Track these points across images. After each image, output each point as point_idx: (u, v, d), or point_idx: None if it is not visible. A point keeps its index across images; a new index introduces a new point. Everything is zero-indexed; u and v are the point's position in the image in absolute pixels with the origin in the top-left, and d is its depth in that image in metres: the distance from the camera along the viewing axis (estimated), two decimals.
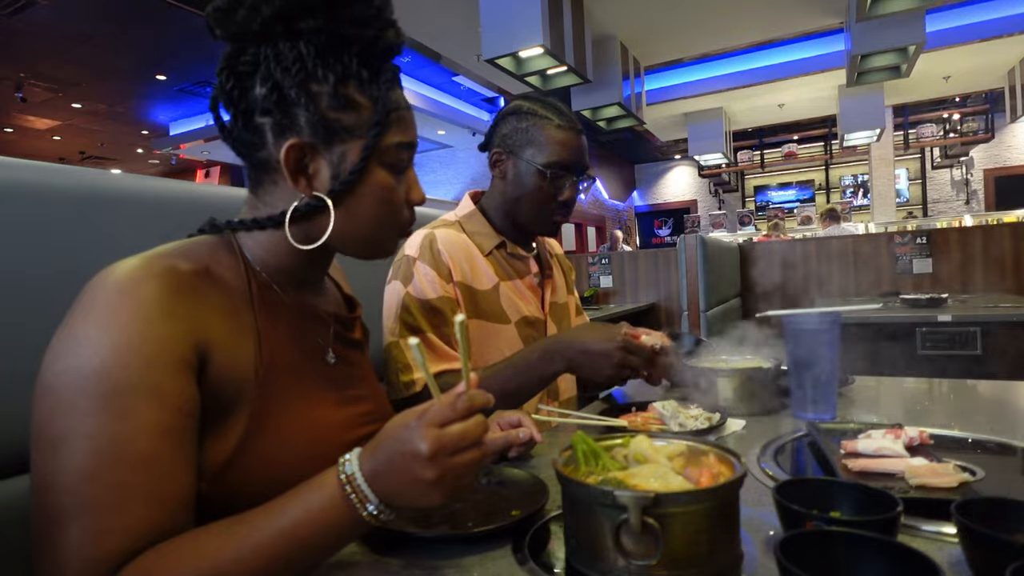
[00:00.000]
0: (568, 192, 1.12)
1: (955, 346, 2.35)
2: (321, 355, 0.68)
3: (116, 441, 0.48)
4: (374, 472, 0.49)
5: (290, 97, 0.58)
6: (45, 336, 0.66)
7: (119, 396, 0.49)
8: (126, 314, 0.51)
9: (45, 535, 0.48)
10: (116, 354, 0.50)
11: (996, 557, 0.42)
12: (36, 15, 5.06)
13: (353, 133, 0.60)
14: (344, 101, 0.60)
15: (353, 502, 0.48)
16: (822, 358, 0.92)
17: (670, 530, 0.44)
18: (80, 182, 0.72)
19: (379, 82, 0.62)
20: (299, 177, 0.61)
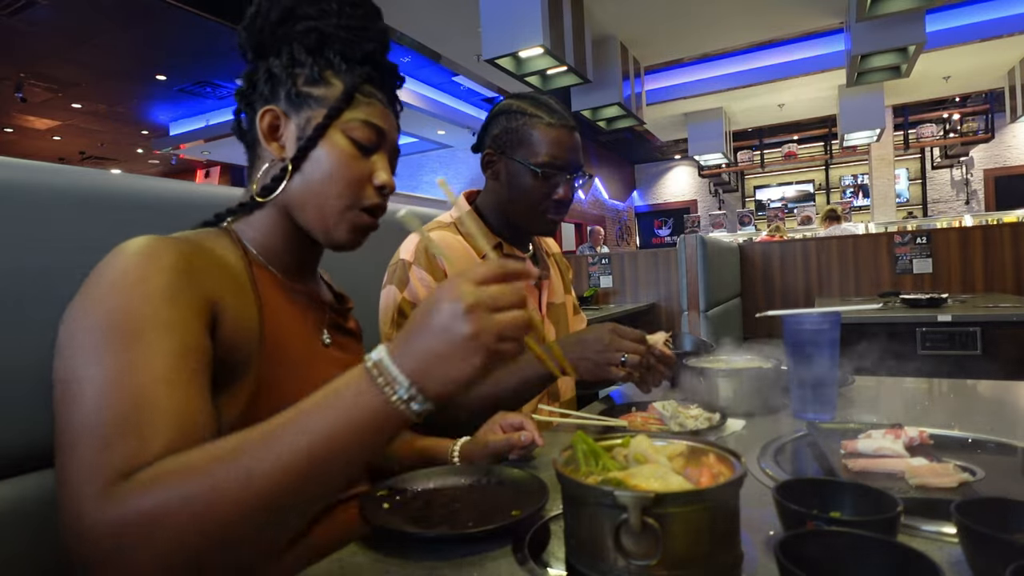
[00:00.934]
0: (563, 191, 1.10)
1: (955, 346, 2.35)
2: (317, 336, 0.73)
3: (133, 367, 0.49)
4: (402, 348, 0.46)
5: (277, 77, 0.69)
6: (45, 336, 0.66)
7: (135, 328, 0.50)
8: (146, 268, 0.54)
9: (63, 465, 0.46)
10: (132, 296, 0.52)
11: (996, 557, 0.42)
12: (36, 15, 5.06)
13: (321, 103, 0.68)
14: (318, 78, 0.69)
15: (380, 385, 0.45)
16: (822, 358, 0.92)
17: (670, 530, 0.44)
18: (80, 182, 0.72)
19: (354, 73, 0.70)
20: (271, 141, 0.69)
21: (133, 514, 0.42)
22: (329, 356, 0.73)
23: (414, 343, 0.46)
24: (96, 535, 0.42)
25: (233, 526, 0.43)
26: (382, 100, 0.72)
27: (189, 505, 0.42)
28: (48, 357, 0.66)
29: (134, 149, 9.41)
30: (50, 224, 0.68)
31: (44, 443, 0.66)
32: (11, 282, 0.64)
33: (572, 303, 1.37)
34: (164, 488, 0.43)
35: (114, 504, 0.43)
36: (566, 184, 1.10)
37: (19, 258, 0.65)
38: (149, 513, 0.42)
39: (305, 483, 0.45)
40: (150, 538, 0.41)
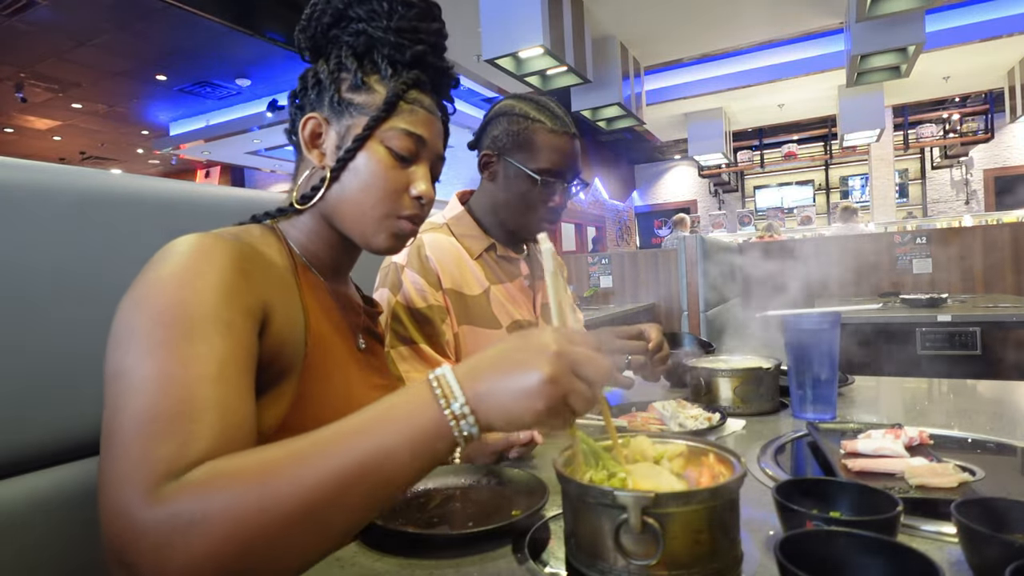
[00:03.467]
0: (559, 198, 1.08)
1: (955, 346, 2.35)
2: (354, 340, 0.73)
3: (184, 363, 0.48)
4: (471, 368, 0.46)
5: (323, 83, 0.68)
6: (45, 336, 0.66)
7: (189, 324, 0.50)
8: (202, 264, 0.54)
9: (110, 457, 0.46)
10: (187, 291, 0.52)
11: (996, 557, 0.42)
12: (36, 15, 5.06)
13: (362, 111, 0.67)
14: (361, 84, 0.68)
15: (437, 396, 0.45)
16: (822, 358, 0.92)
17: (670, 530, 0.44)
18: (80, 182, 0.72)
19: (400, 78, 0.68)
20: (312, 148, 0.69)
21: (178, 515, 0.42)
22: (364, 361, 0.74)
23: (485, 366, 0.46)
24: (140, 532, 0.42)
25: (276, 537, 0.42)
26: (428, 106, 0.71)
27: (236, 511, 0.41)
28: (48, 357, 0.66)
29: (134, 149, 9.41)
30: (50, 224, 0.68)
31: (44, 443, 0.66)
32: (11, 282, 0.64)
33: (568, 302, 1.36)
34: (212, 491, 0.42)
35: (161, 503, 0.42)
36: (562, 192, 1.09)
37: (19, 258, 0.65)
38: (194, 515, 0.41)
39: (353, 496, 0.44)
40: (191, 541, 0.41)
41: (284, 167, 9.63)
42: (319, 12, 0.69)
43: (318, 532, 0.43)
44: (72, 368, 0.68)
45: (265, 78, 6.68)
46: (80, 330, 0.69)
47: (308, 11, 0.70)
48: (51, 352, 0.67)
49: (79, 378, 0.69)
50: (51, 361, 0.67)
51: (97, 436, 0.71)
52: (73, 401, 0.68)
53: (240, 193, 0.91)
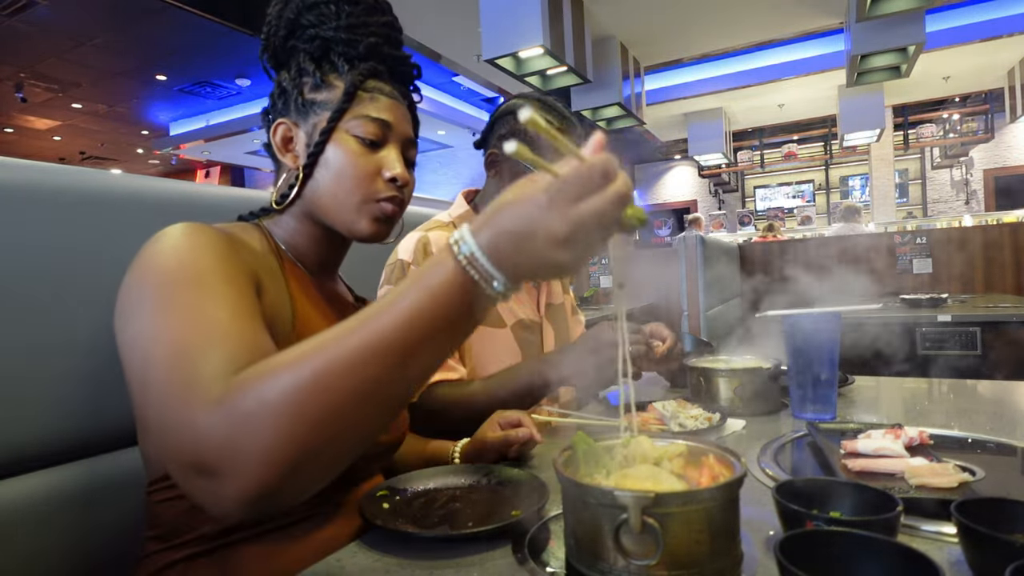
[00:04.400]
0: None
1: (955, 346, 2.35)
2: None
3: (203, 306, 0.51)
4: (496, 249, 0.44)
5: (287, 91, 0.72)
6: (45, 336, 0.66)
7: (197, 278, 0.53)
8: (197, 238, 0.57)
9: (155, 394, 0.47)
10: (191, 255, 0.55)
11: (996, 557, 0.42)
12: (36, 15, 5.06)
13: (325, 107, 0.70)
14: (322, 83, 0.71)
15: (478, 281, 0.44)
16: (822, 358, 0.92)
17: (670, 530, 0.44)
18: (80, 182, 0.72)
19: (356, 70, 0.71)
20: (285, 152, 0.72)
21: (241, 408, 0.42)
22: None
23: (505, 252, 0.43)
24: (209, 434, 0.42)
25: (338, 407, 0.42)
26: (389, 93, 0.73)
27: (294, 390, 0.42)
28: (48, 357, 0.66)
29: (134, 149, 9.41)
30: (50, 224, 0.68)
31: (44, 443, 0.66)
32: (11, 282, 0.64)
33: (571, 303, 1.36)
34: (268, 379, 0.43)
35: (222, 404, 0.43)
36: None
37: (19, 258, 0.65)
38: (257, 404, 0.42)
39: (400, 360, 0.44)
40: (260, 428, 0.41)
41: None
42: (274, 27, 0.73)
43: (374, 401, 0.44)
44: (72, 368, 0.68)
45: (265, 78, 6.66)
46: (80, 330, 0.69)
47: (264, 30, 0.74)
48: (51, 352, 0.67)
49: (79, 378, 0.69)
50: (51, 361, 0.67)
51: (97, 436, 0.71)
52: (73, 401, 0.68)
53: (240, 193, 0.91)
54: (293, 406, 0.42)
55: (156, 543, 0.63)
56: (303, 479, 0.43)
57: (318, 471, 0.44)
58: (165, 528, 0.63)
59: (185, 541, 0.62)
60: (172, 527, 0.62)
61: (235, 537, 0.62)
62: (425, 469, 0.75)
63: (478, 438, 0.83)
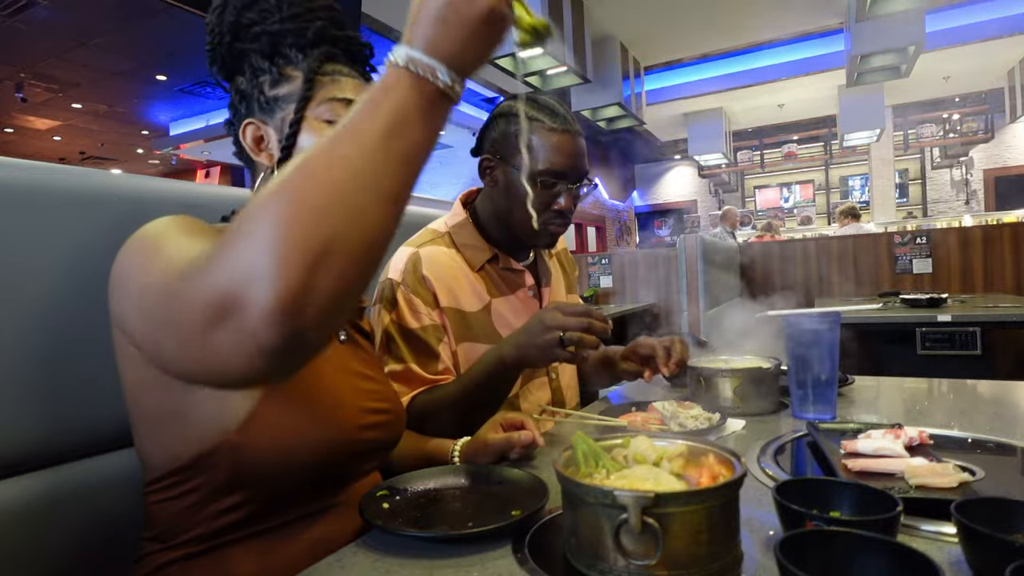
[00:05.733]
0: (565, 201, 1.02)
1: (955, 346, 2.35)
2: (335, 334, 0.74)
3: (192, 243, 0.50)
4: (426, 41, 0.46)
5: (246, 92, 0.71)
6: (45, 336, 0.66)
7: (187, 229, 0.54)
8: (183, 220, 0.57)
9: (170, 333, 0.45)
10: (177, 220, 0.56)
11: (996, 557, 0.42)
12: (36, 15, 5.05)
13: (289, 99, 0.70)
14: (280, 77, 0.70)
15: (423, 76, 0.45)
16: (822, 358, 0.92)
17: (670, 530, 0.44)
18: (80, 182, 0.72)
19: (311, 57, 0.70)
20: (259, 152, 0.72)
21: (239, 230, 0.41)
22: (345, 352, 0.75)
23: (438, 31, 0.46)
24: (216, 273, 0.40)
25: (331, 197, 0.41)
26: (349, 73, 0.72)
27: (285, 191, 0.41)
28: (48, 357, 0.66)
29: (134, 149, 9.41)
30: (50, 224, 0.68)
31: (44, 443, 0.66)
32: (11, 282, 0.64)
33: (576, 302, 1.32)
34: (258, 199, 0.41)
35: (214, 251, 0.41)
36: (568, 193, 1.03)
37: (19, 258, 0.65)
38: (252, 220, 0.40)
39: (382, 143, 0.44)
40: (261, 238, 0.39)
41: None
42: (217, 35, 0.72)
43: (366, 187, 0.43)
44: (72, 368, 0.68)
45: None
46: (80, 330, 0.69)
47: (208, 40, 0.73)
48: (51, 352, 0.67)
49: (80, 377, 0.69)
50: (51, 361, 0.67)
51: (97, 436, 0.71)
52: (74, 401, 0.68)
53: (240, 193, 0.91)
54: (286, 203, 0.40)
55: (153, 543, 0.63)
56: (327, 283, 0.40)
57: (339, 273, 0.41)
58: (161, 528, 0.63)
59: (182, 541, 0.62)
60: (168, 527, 0.62)
61: (231, 537, 0.62)
62: (425, 469, 0.75)
63: (479, 438, 0.82)
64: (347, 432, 0.67)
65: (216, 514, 0.61)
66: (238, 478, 0.60)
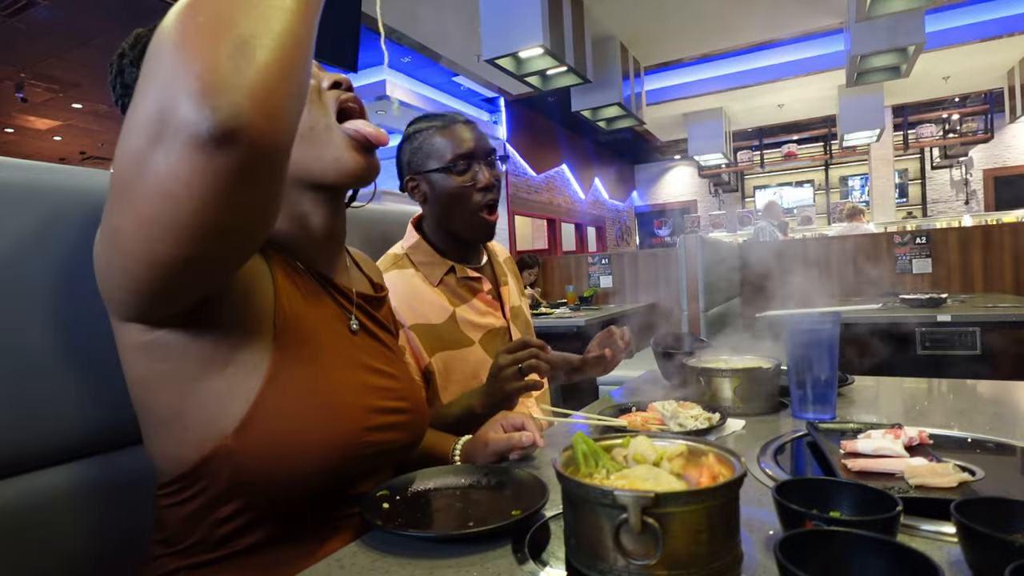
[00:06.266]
0: (483, 176, 1.10)
1: (955, 346, 2.35)
2: (343, 322, 0.72)
3: None
4: None
5: None
6: (45, 336, 0.66)
7: None
8: None
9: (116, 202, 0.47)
10: None
11: (995, 557, 0.42)
12: (36, 15, 5.05)
13: None
14: None
15: None
16: (822, 358, 0.92)
17: (670, 530, 0.44)
18: (80, 182, 0.72)
19: None
20: None
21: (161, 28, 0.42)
22: (358, 342, 0.72)
23: None
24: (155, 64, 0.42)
25: (201, 23, 0.41)
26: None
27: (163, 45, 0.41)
28: (48, 357, 0.66)
29: None
30: (50, 224, 0.68)
31: (44, 443, 0.66)
32: (11, 282, 0.64)
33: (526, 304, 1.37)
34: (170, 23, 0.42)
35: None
36: (483, 168, 1.11)
37: (20, 258, 0.65)
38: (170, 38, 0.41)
39: None
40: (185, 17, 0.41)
41: None
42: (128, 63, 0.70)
43: None
44: (72, 368, 0.68)
45: None
46: (80, 330, 0.69)
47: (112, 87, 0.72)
48: (51, 351, 0.67)
49: (79, 377, 0.69)
50: (51, 361, 0.67)
51: (97, 436, 0.71)
52: (73, 401, 0.68)
53: None
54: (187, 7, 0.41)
55: (162, 547, 0.63)
56: (244, 59, 0.40)
57: (252, 48, 0.41)
58: (170, 532, 0.62)
59: (188, 547, 0.61)
60: (176, 531, 0.62)
61: (238, 548, 0.61)
62: (425, 469, 0.75)
63: (480, 438, 0.83)
64: (353, 435, 0.64)
65: (219, 522, 0.60)
66: (237, 485, 0.59)
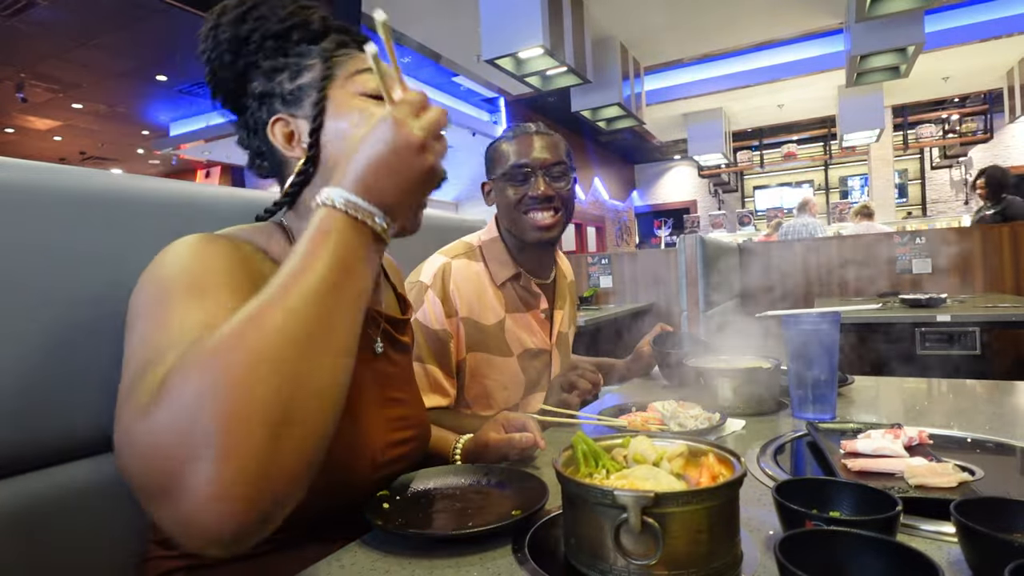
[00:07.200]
0: (535, 186, 1.13)
1: (954, 346, 2.35)
2: (368, 345, 0.72)
3: (192, 311, 0.48)
4: (365, 186, 0.48)
5: (267, 92, 0.68)
6: (45, 336, 0.66)
7: (201, 285, 0.52)
8: (205, 250, 0.56)
9: (119, 396, 0.44)
10: (195, 264, 0.54)
11: (995, 557, 0.42)
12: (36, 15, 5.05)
13: (313, 85, 0.67)
14: (299, 68, 0.68)
15: (362, 220, 0.47)
16: (822, 358, 0.92)
17: (670, 530, 0.44)
18: (80, 182, 0.72)
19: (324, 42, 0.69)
20: (292, 147, 0.68)
21: (161, 414, 0.38)
22: (379, 366, 0.73)
23: (374, 182, 0.48)
24: (145, 441, 0.38)
25: (247, 403, 0.38)
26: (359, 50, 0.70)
27: (198, 399, 0.38)
28: (48, 358, 0.66)
29: (134, 149, 9.40)
30: (50, 224, 0.68)
31: (44, 443, 0.66)
32: (11, 282, 0.64)
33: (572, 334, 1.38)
34: (191, 367, 0.39)
35: (147, 414, 0.39)
36: (537, 179, 1.14)
37: (20, 258, 0.65)
38: (170, 405, 0.38)
39: (305, 334, 0.42)
40: (184, 427, 0.37)
41: None
42: (215, 58, 0.69)
43: (282, 387, 0.40)
44: (72, 368, 0.68)
45: None
46: (80, 329, 0.69)
47: (207, 70, 0.70)
48: (51, 351, 0.67)
49: (79, 378, 0.69)
50: (51, 360, 0.67)
51: (96, 436, 0.71)
52: (73, 401, 0.68)
53: (240, 193, 0.91)
54: (226, 365, 0.38)
55: (158, 548, 0.64)
56: (283, 459, 0.38)
57: (297, 447, 0.39)
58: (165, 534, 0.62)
59: (184, 551, 0.61)
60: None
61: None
62: (425, 469, 0.75)
63: (480, 438, 0.83)
64: (366, 470, 0.66)
65: None
66: None
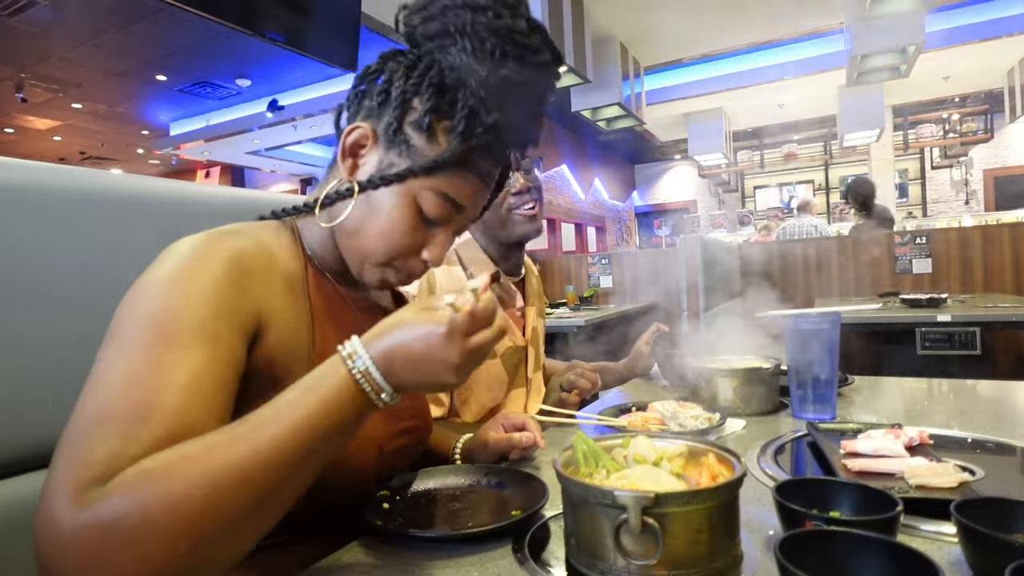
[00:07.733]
0: (517, 183, 1.11)
1: (955, 346, 2.34)
2: None
3: (159, 368, 0.48)
4: (389, 366, 0.48)
5: (390, 101, 0.62)
6: (45, 336, 0.66)
7: (172, 331, 0.50)
8: (198, 270, 0.54)
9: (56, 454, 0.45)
10: (181, 297, 0.52)
11: (995, 557, 0.42)
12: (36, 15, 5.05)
13: (413, 153, 0.61)
14: (427, 127, 0.61)
15: (368, 394, 0.48)
16: (822, 358, 0.92)
17: (670, 530, 0.44)
18: (80, 182, 0.72)
19: (470, 141, 0.60)
20: (349, 157, 0.64)
21: (102, 521, 0.40)
22: None
23: (397, 365, 0.49)
24: (65, 542, 0.40)
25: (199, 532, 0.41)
26: (484, 173, 0.64)
27: (147, 512, 0.40)
28: (48, 358, 0.66)
29: (134, 149, 9.40)
30: (50, 224, 0.68)
31: (44, 443, 0.66)
32: (11, 282, 0.64)
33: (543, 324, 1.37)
34: (123, 496, 0.41)
35: (84, 508, 0.41)
36: (516, 174, 1.12)
37: (19, 258, 0.65)
38: (110, 522, 0.40)
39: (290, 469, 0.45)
40: (113, 549, 0.40)
41: (284, 167, 9.62)
42: (444, 27, 0.61)
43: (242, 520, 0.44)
44: (72, 368, 0.68)
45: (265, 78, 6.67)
46: (80, 330, 0.69)
47: (419, 19, 0.63)
48: (51, 351, 0.67)
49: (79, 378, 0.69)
50: (51, 361, 0.67)
51: None
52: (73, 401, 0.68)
53: (240, 193, 0.91)
54: (144, 529, 0.40)
55: None
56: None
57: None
58: None
59: None
60: None
61: None
62: (425, 469, 0.75)
63: (480, 438, 0.82)
64: (369, 464, 0.66)
65: None
66: None
